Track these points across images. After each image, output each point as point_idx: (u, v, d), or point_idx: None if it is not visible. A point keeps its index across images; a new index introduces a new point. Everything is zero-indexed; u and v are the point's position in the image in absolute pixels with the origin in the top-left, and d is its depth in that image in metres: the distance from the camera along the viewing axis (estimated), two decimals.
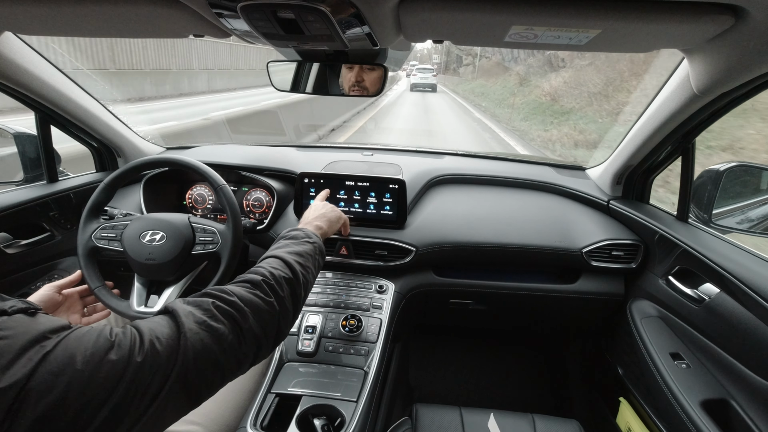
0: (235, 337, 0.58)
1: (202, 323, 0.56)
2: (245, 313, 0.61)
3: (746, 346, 0.90)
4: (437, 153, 1.74)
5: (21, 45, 1.07)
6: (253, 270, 0.72)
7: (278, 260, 0.76)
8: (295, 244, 0.83)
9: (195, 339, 0.53)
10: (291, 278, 0.72)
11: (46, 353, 0.42)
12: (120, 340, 0.47)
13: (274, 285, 0.68)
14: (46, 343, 0.42)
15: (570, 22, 0.63)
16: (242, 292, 0.64)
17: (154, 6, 0.68)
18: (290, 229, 0.91)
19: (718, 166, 1.09)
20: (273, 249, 0.82)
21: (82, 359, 0.43)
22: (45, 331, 0.44)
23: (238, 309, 0.60)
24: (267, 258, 0.78)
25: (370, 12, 0.63)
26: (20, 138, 1.32)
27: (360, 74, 1.03)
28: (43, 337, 0.43)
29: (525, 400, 1.74)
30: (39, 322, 0.44)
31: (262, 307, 0.64)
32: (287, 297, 0.69)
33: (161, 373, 0.48)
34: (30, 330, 0.43)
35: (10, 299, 0.47)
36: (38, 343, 0.42)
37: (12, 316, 0.43)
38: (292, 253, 0.79)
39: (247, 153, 1.61)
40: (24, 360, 0.40)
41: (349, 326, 1.12)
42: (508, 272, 1.38)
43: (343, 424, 0.90)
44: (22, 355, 0.40)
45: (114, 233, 1.06)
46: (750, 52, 0.70)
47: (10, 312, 0.43)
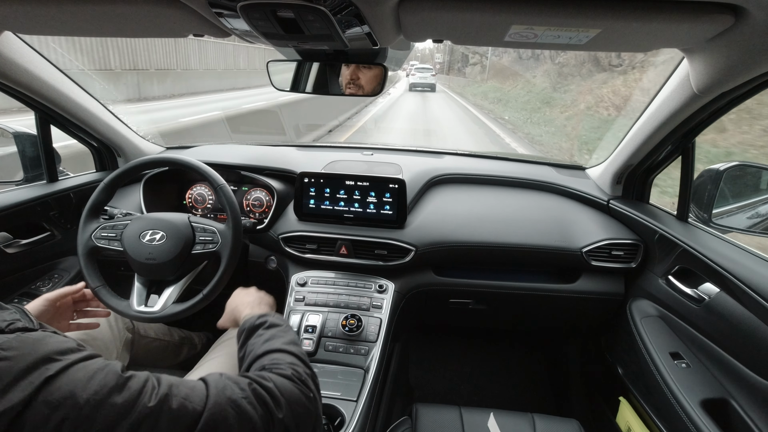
0: (263, 426, 0.53)
1: (232, 401, 0.51)
2: (281, 402, 0.56)
3: (746, 345, 0.90)
4: (437, 153, 1.74)
5: (21, 44, 1.07)
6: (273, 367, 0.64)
7: (289, 355, 0.68)
8: (283, 332, 0.75)
9: (219, 415, 0.49)
10: (312, 374, 0.66)
11: (49, 377, 0.39)
12: (131, 383, 0.44)
13: (306, 381, 0.62)
14: (50, 366, 0.40)
15: (570, 21, 0.63)
16: (281, 381, 0.59)
17: (153, 5, 0.68)
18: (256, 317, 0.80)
19: (717, 165, 1.09)
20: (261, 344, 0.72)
21: (85, 396, 0.40)
22: (51, 352, 0.41)
23: (273, 396, 0.56)
24: (267, 355, 0.69)
25: (370, 11, 0.63)
26: (20, 138, 1.32)
27: (355, 72, 1.02)
28: (48, 360, 0.41)
29: (525, 399, 1.74)
30: (43, 344, 0.42)
31: (302, 400, 0.59)
32: (316, 394, 0.64)
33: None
34: (33, 352, 0.40)
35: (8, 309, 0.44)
36: (42, 365, 0.40)
37: (18, 335, 0.41)
38: (290, 344, 0.71)
39: (247, 153, 1.61)
40: (24, 384, 0.38)
41: (349, 326, 1.12)
42: (508, 272, 1.38)
43: (343, 423, 0.90)
44: (22, 378, 0.38)
45: (114, 233, 1.06)
46: (750, 51, 0.69)
47: (6, 331, 0.41)
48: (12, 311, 0.45)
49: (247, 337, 0.76)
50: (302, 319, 1.15)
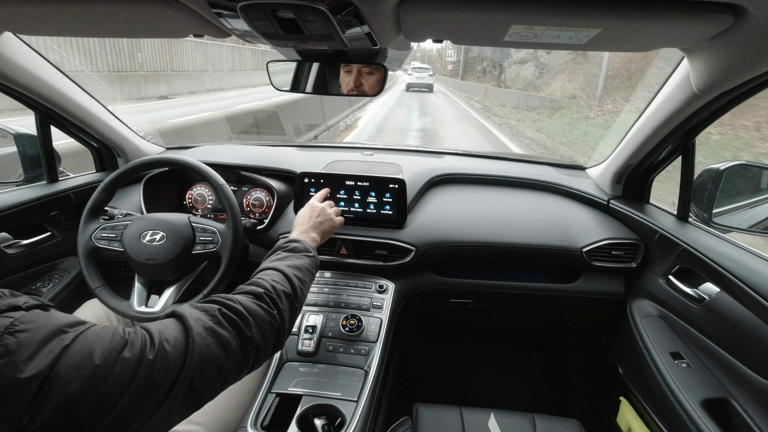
0: (239, 345, 0.60)
1: (209, 329, 0.57)
2: (249, 322, 0.63)
3: (746, 345, 0.90)
4: (437, 153, 1.74)
5: (21, 45, 1.07)
6: (255, 281, 0.73)
7: (279, 273, 0.77)
8: (295, 258, 0.84)
9: (202, 344, 0.55)
10: (290, 293, 0.75)
11: (66, 346, 0.43)
12: (132, 339, 0.49)
13: (275, 298, 0.70)
14: (64, 337, 0.44)
15: (570, 21, 0.63)
16: (247, 302, 0.66)
17: (153, 6, 0.68)
18: (289, 239, 0.91)
19: (718, 165, 1.08)
20: (272, 260, 0.83)
21: (100, 355, 0.45)
22: (62, 325, 0.45)
23: (242, 317, 0.62)
24: (267, 270, 0.79)
25: (369, 11, 0.63)
26: (20, 138, 1.32)
27: (358, 78, 1.03)
28: (61, 331, 0.45)
29: (525, 399, 1.74)
30: (55, 317, 0.46)
31: (265, 318, 0.66)
32: (286, 310, 0.72)
33: (170, 373, 0.50)
34: (49, 324, 0.44)
35: (22, 295, 0.48)
36: (57, 336, 0.44)
37: (30, 311, 0.45)
38: (291, 267, 0.80)
39: (247, 153, 1.61)
40: (45, 351, 0.42)
41: (350, 326, 1.12)
42: (509, 272, 1.38)
43: (344, 423, 0.90)
44: (43, 346, 0.42)
45: (114, 233, 1.06)
46: (750, 51, 0.69)
47: (24, 308, 0.45)
48: (26, 297, 0.48)
49: (271, 254, 0.87)
50: (302, 320, 1.15)
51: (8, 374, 0.39)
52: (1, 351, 0.39)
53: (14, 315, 0.43)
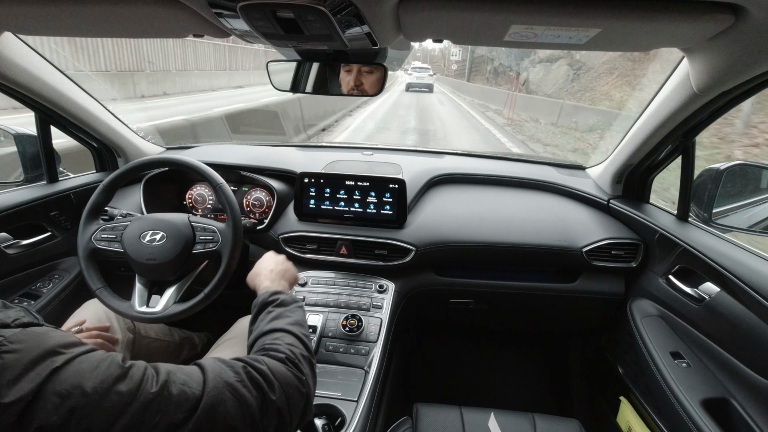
0: (258, 407, 0.55)
1: (229, 385, 0.53)
2: (274, 384, 0.58)
3: (746, 345, 0.90)
4: (437, 152, 1.74)
5: (21, 45, 1.07)
6: (269, 347, 0.66)
7: (289, 335, 0.71)
8: (290, 312, 0.78)
9: (217, 399, 0.51)
10: (308, 356, 0.68)
11: (55, 369, 0.41)
12: (132, 372, 0.46)
13: (299, 363, 0.65)
14: (56, 359, 0.42)
15: (570, 21, 0.63)
16: (273, 363, 0.61)
17: (153, 6, 0.68)
18: (269, 292, 0.83)
19: (718, 165, 1.08)
20: (267, 320, 0.75)
21: (91, 385, 0.42)
22: (56, 345, 0.43)
23: (267, 379, 0.58)
24: (270, 333, 0.72)
25: (369, 11, 0.63)
26: (20, 138, 1.32)
27: (359, 78, 1.03)
28: (54, 352, 0.42)
29: (525, 399, 1.74)
30: (49, 336, 0.43)
31: (293, 381, 0.61)
32: (310, 375, 0.66)
33: (168, 418, 0.46)
34: (40, 344, 0.42)
35: (14, 308, 0.46)
36: (48, 357, 0.41)
37: (26, 328, 0.43)
38: (294, 325, 0.74)
39: (247, 153, 1.61)
40: (32, 375, 0.39)
41: (350, 326, 1.12)
42: (509, 272, 1.38)
43: (344, 423, 0.90)
44: (30, 369, 0.39)
45: (114, 234, 1.06)
46: (750, 50, 0.69)
47: (13, 325, 0.42)
48: (17, 310, 0.46)
49: (258, 312, 0.80)
50: None
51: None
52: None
53: (4, 333, 0.41)
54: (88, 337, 1.02)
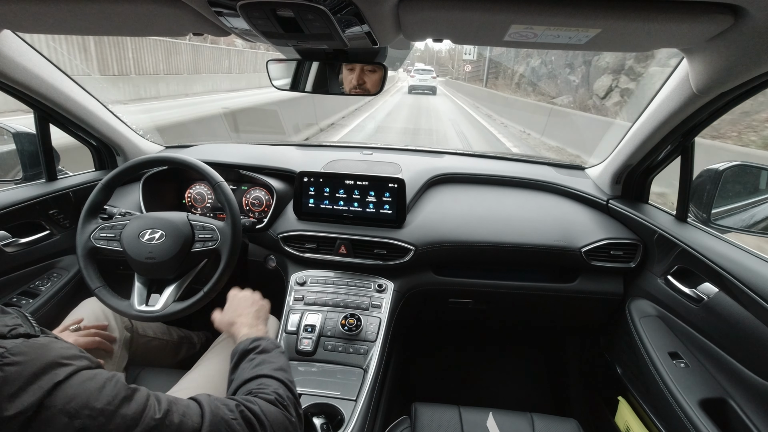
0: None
1: (224, 422, 0.55)
2: (265, 425, 0.60)
3: (745, 345, 0.90)
4: (437, 152, 1.74)
5: (20, 43, 1.07)
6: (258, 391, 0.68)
7: (275, 381, 0.71)
8: (273, 358, 0.78)
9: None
10: (295, 401, 0.70)
11: (58, 382, 0.40)
12: (137, 396, 0.46)
13: (288, 407, 0.67)
14: (58, 371, 0.41)
15: (569, 21, 0.63)
16: (266, 405, 0.63)
17: (153, 4, 0.68)
18: (249, 339, 0.82)
19: (717, 165, 1.09)
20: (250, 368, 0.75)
21: (99, 406, 0.42)
22: (58, 357, 0.42)
23: (259, 420, 0.60)
24: (254, 380, 0.72)
25: (369, 11, 0.63)
26: (19, 136, 1.32)
27: (361, 77, 1.03)
28: (56, 365, 0.42)
29: (524, 399, 1.74)
30: (51, 348, 0.43)
31: (285, 424, 0.63)
32: (297, 421, 0.67)
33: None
34: (42, 357, 0.41)
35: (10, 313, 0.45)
36: (51, 370, 0.41)
37: (24, 341, 0.42)
38: (278, 371, 0.74)
39: (246, 152, 1.61)
40: (34, 388, 0.39)
41: (349, 325, 1.12)
42: (508, 272, 1.38)
43: (343, 422, 0.90)
44: (32, 382, 0.39)
45: (113, 233, 1.06)
46: (749, 51, 0.70)
47: (9, 336, 0.42)
48: (13, 316, 0.45)
49: (239, 360, 0.79)
50: (301, 319, 1.15)
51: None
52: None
53: (5, 345, 0.40)
54: (86, 335, 1.02)
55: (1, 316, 0.44)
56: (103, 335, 1.07)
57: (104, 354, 1.06)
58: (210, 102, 10.23)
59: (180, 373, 1.03)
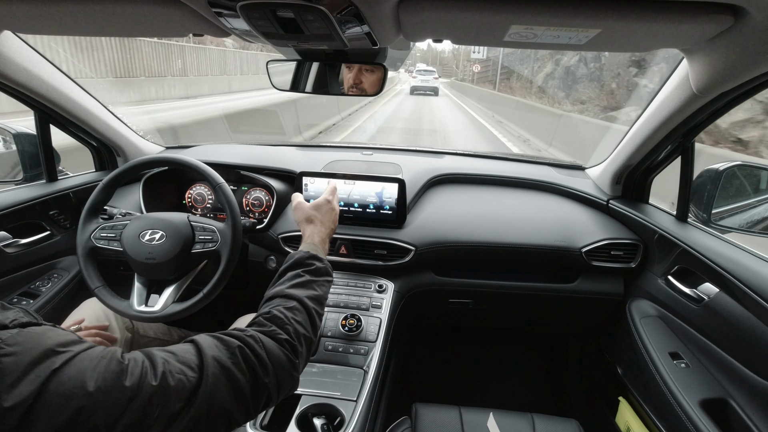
0: (251, 390, 0.56)
1: (225, 369, 0.54)
2: (268, 368, 0.59)
3: (745, 345, 0.90)
4: (437, 153, 1.74)
5: (20, 44, 1.07)
6: (278, 319, 0.66)
7: (303, 312, 0.70)
8: (318, 286, 0.78)
9: (214, 387, 0.51)
10: (310, 337, 0.69)
11: (55, 370, 0.40)
12: (132, 367, 0.46)
13: (297, 345, 0.65)
14: (55, 359, 0.41)
15: (569, 21, 0.63)
16: (271, 346, 0.61)
17: (153, 5, 0.68)
18: (311, 254, 0.82)
19: (717, 165, 1.09)
20: (293, 284, 0.75)
21: (93, 383, 0.42)
22: (54, 345, 0.42)
23: (262, 362, 0.58)
24: (288, 299, 0.71)
25: (369, 11, 0.63)
26: (20, 137, 1.32)
27: (359, 76, 1.03)
28: (52, 352, 0.41)
29: (524, 399, 1.74)
30: (48, 336, 0.43)
31: (286, 366, 0.62)
32: (304, 356, 0.67)
33: (169, 409, 0.46)
34: (39, 345, 0.41)
35: (12, 309, 0.45)
36: (47, 358, 0.41)
37: (25, 329, 0.42)
38: (314, 301, 0.74)
39: (246, 152, 1.61)
40: (31, 377, 0.39)
41: (349, 326, 1.12)
42: (508, 272, 1.38)
43: (343, 423, 0.90)
44: (29, 372, 0.39)
45: (113, 233, 1.06)
46: (749, 51, 0.69)
47: (11, 326, 0.42)
48: (15, 311, 0.45)
49: (289, 268, 0.80)
50: None
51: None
52: None
53: (2, 336, 0.40)
54: (86, 336, 1.02)
55: (3, 311, 0.44)
56: (104, 336, 1.07)
57: None
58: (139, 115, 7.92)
59: None
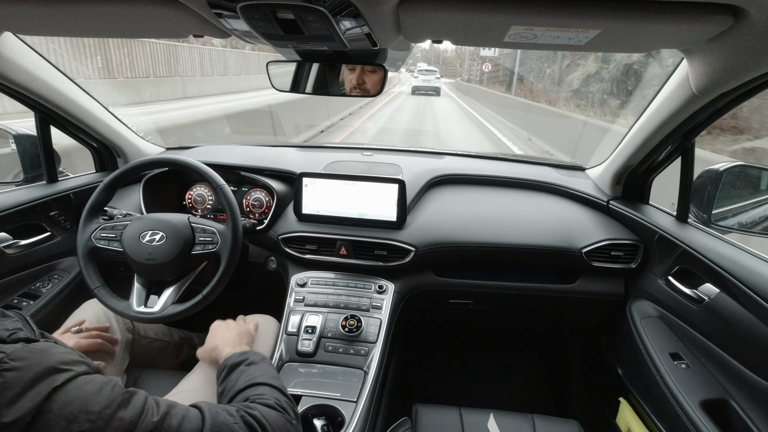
0: None
1: (226, 426, 0.55)
2: (267, 429, 0.60)
3: (746, 346, 0.90)
4: (437, 153, 1.74)
5: (21, 45, 1.07)
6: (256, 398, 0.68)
7: (271, 388, 0.73)
8: (263, 367, 0.80)
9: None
10: (292, 406, 0.71)
11: (56, 388, 0.40)
12: (135, 400, 0.46)
13: (288, 410, 0.68)
14: (57, 377, 0.41)
15: (569, 22, 0.63)
16: (266, 410, 0.63)
17: (153, 6, 0.68)
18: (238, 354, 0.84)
19: (717, 166, 1.09)
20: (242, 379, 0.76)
21: (96, 409, 0.42)
22: (57, 363, 0.42)
23: (261, 423, 0.60)
24: (248, 389, 0.73)
25: (369, 12, 0.63)
26: (20, 138, 1.32)
27: (362, 77, 1.03)
28: (55, 370, 0.41)
29: (525, 400, 1.74)
30: (51, 353, 0.43)
31: (286, 426, 0.64)
32: (297, 421, 0.69)
33: None
34: (42, 362, 0.41)
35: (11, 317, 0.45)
36: (49, 375, 0.41)
37: (23, 345, 0.42)
38: (272, 378, 0.76)
39: (246, 153, 1.61)
40: (32, 393, 0.39)
41: (349, 326, 1.12)
42: (508, 272, 1.38)
43: (343, 424, 0.90)
44: (30, 388, 0.39)
45: (114, 233, 1.06)
46: (749, 52, 0.70)
47: (8, 341, 0.41)
48: (14, 319, 0.45)
49: (229, 373, 0.80)
50: (302, 320, 1.15)
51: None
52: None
53: (5, 350, 0.40)
54: (87, 337, 1.02)
55: (1, 319, 0.44)
56: (105, 337, 1.07)
57: (106, 356, 1.06)
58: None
59: (181, 375, 1.03)
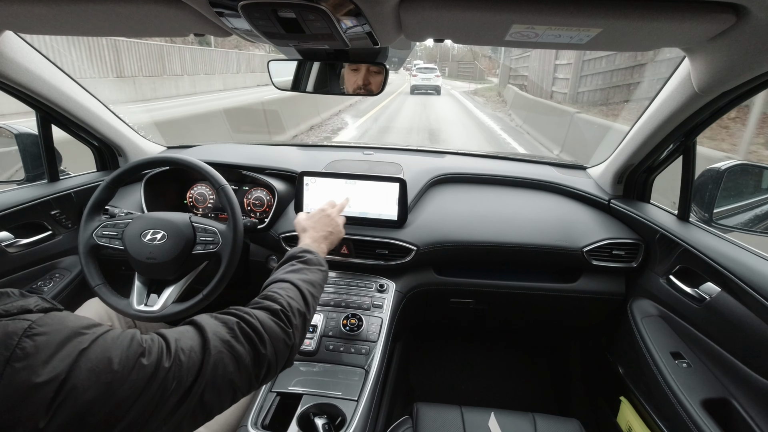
0: (252, 360, 0.60)
1: (225, 342, 0.58)
2: (264, 339, 0.63)
3: (747, 345, 0.90)
4: (438, 152, 1.74)
5: (22, 44, 1.07)
6: (271, 296, 0.72)
7: (294, 289, 0.76)
8: (309, 271, 0.84)
9: (217, 357, 0.55)
10: (304, 311, 0.74)
11: (83, 349, 0.44)
12: (149, 347, 0.49)
13: (291, 316, 0.70)
14: (82, 339, 0.44)
15: (571, 20, 0.63)
16: (264, 318, 0.66)
17: (154, 5, 0.68)
18: (302, 248, 0.91)
19: (719, 165, 1.08)
20: (286, 270, 0.82)
21: (118, 361, 0.45)
22: (79, 327, 0.46)
23: (258, 334, 0.62)
24: (281, 282, 0.78)
25: (370, 11, 0.63)
26: (22, 137, 1.32)
27: (367, 77, 1.04)
28: (79, 333, 0.45)
29: (526, 399, 1.74)
30: (69, 320, 0.46)
31: (280, 335, 0.66)
32: (299, 328, 0.71)
33: (183, 383, 0.50)
34: (65, 327, 0.45)
35: (32, 296, 0.48)
36: (75, 338, 0.44)
37: (48, 313, 0.45)
38: (306, 282, 0.79)
39: (247, 152, 1.61)
40: (63, 354, 0.42)
41: (350, 325, 1.12)
42: (509, 271, 1.38)
43: (344, 423, 0.90)
44: (60, 350, 0.42)
45: (115, 232, 1.06)
46: (751, 51, 0.69)
47: (35, 310, 0.45)
48: (35, 297, 0.48)
49: (284, 262, 0.86)
50: None
51: (25, 378, 0.39)
52: (19, 354, 0.39)
53: (31, 318, 0.43)
54: None
55: (25, 298, 0.47)
56: None
57: None
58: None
59: None
